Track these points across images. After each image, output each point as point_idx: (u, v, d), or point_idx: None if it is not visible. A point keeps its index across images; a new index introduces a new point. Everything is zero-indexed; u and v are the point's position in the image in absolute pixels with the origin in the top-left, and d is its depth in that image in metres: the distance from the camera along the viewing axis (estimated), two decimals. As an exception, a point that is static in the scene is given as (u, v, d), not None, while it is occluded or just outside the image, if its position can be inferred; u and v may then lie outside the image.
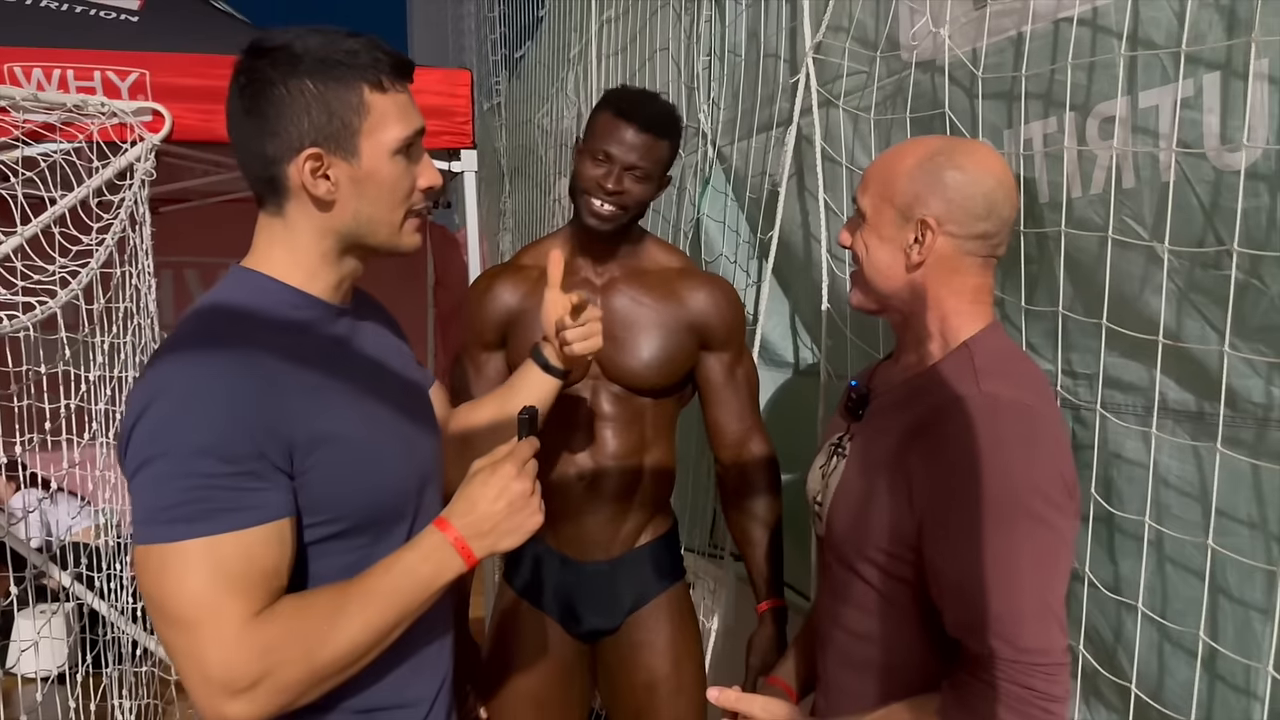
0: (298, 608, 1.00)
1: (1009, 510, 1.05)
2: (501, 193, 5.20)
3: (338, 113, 1.05)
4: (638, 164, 1.70)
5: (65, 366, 2.68)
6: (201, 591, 0.94)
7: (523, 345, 1.79)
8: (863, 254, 1.24)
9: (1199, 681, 1.20)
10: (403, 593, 1.03)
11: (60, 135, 2.98)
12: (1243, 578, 1.15)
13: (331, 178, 1.07)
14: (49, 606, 3.23)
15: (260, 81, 1.04)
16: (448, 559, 1.05)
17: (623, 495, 1.84)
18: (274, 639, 0.97)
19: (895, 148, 1.26)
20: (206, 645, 0.95)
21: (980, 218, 1.16)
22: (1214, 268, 1.13)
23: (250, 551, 0.97)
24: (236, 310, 1.08)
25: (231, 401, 0.98)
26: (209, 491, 0.95)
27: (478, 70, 5.51)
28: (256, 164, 1.08)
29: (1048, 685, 1.05)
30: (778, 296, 2.25)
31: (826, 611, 1.31)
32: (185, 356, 1.01)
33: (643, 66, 3.02)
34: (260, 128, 1.05)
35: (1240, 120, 1.07)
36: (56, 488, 3.56)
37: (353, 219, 1.09)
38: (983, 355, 1.16)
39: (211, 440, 0.96)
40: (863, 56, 1.82)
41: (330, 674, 1.00)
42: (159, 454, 0.95)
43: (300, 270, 1.11)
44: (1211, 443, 1.15)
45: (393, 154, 1.08)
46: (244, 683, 0.95)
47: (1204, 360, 1.17)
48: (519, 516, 1.08)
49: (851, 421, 1.31)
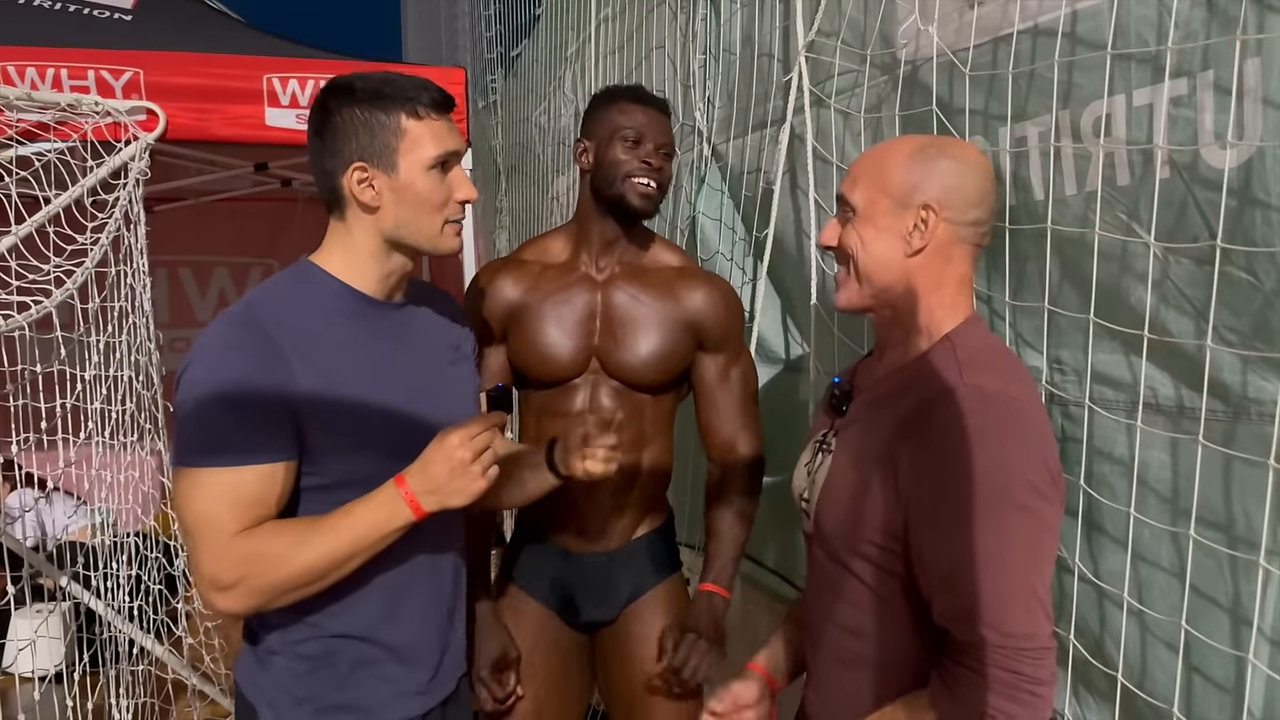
0: (273, 531, 1.24)
1: (995, 499, 1.07)
2: (498, 190, 5.20)
3: (379, 135, 1.29)
4: (666, 143, 1.79)
5: (60, 366, 2.68)
6: (203, 509, 1.22)
7: (524, 339, 1.81)
8: (857, 247, 1.24)
9: (1186, 672, 1.20)
10: (357, 530, 1.25)
11: (54, 134, 2.98)
12: (1233, 572, 1.16)
13: (375, 188, 1.30)
14: (46, 606, 3.23)
15: (325, 111, 1.31)
16: (399, 509, 1.26)
17: (621, 489, 1.85)
18: (251, 552, 1.22)
19: (881, 145, 1.29)
20: (201, 551, 1.23)
21: (974, 204, 1.20)
22: (1208, 264, 1.14)
23: (243, 482, 1.22)
24: (282, 291, 1.34)
25: (249, 364, 1.23)
26: (221, 432, 1.22)
27: (473, 68, 5.51)
28: (323, 178, 1.33)
29: (1034, 669, 1.06)
30: (772, 294, 2.26)
31: (817, 608, 1.32)
32: (228, 322, 1.28)
33: (639, 65, 3.03)
34: (322, 148, 1.31)
35: (1235, 117, 1.08)
36: (53, 487, 3.55)
37: (395, 223, 1.33)
38: (965, 348, 1.18)
39: (228, 393, 1.22)
40: (855, 55, 1.83)
41: (295, 585, 1.24)
42: (190, 398, 1.23)
43: (350, 267, 1.35)
44: (1207, 439, 1.16)
45: (427, 169, 1.31)
46: (225, 582, 1.22)
47: (1197, 357, 1.17)
48: (460, 480, 1.25)
49: (835, 418, 1.32)
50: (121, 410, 2.97)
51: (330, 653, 1.35)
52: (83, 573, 3.10)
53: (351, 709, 1.36)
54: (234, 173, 4.02)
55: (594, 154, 1.80)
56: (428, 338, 1.45)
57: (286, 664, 1.35)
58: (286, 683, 1.35)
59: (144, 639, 3.11)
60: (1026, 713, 1.07)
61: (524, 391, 1.90)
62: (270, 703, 1.35)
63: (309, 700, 1.35)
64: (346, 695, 1.36)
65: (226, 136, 3.29)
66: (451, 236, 1.36)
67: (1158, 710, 1.25)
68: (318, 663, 1.34)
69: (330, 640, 1.34)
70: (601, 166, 1.78)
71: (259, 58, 3.39)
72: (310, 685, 1.35)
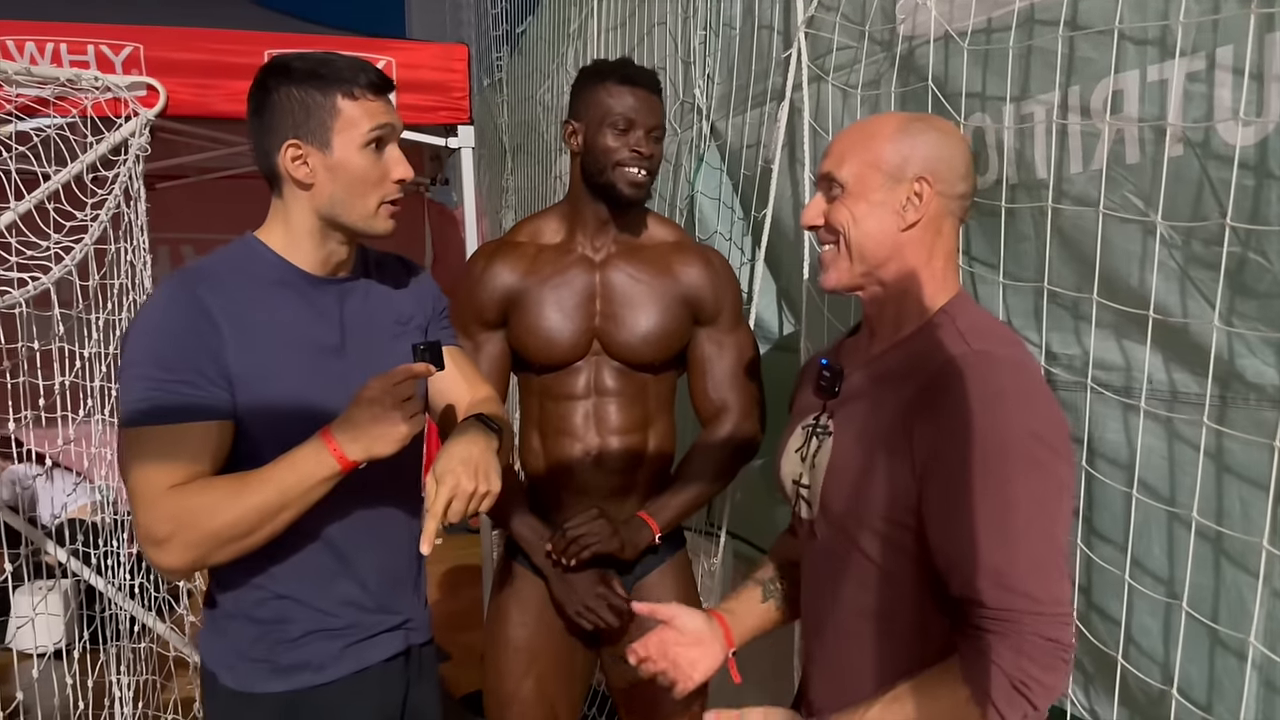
0: (203, 484, 1.26)
1: (1013, 460, 1.06)
2: (504, 170, 5.17)
3: (315, 113, 1.31)
4: (657, 125, 1.77)
5: (60, 343, 2.67)
6: (140, 466, 1.25)
7: (525, 325, 1.80)
8: (847, 224, 1.22)
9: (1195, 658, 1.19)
10: (286, 481, 1.27)
11: (54, 110, 2.96)
12: (1235, 554, 1.14)
13: (310, 165, 1.33)
14: (46, 583, 3.24)
15: (263, 90, 1.33)
16: (323, 458, 1.27)
17: (629, 469, 1.85)
18: (182, 506, 1.24)
19: (862, 121, 1.27)
20: (138, 507, 1.26)
21: (962, 177, 1.20)
22: (1216, 245, 1.11)
23: (176, 439, 1.25)
24: (221, 261, 1.37)
25: (181, 328, 1.27)
26: (155, 393, 1.25)
27: (477, 46, 5.46)
28: (261, 156, 1.36)
29: (1068, 635, 1.05)
30: (769, 273, 2.23)
31: (818, 591, 1.30)
32: (164, 290, 1.32)
33: (641, 41, 2.99)
34: (260, 126, 1.34)
35: (1252, 94, 1.05)
36: (52, 464, 3.56)
37: (329, 200, 1.34)
38: (964, 319, 1.18)
39: (162, 355, 1.26)
40: (854, 31, 1.79)
41: (228, 538, 1.26)
42: (129, 362, 1.27)
43: (290, 244, 1.38)
44: (1213, 423, 1.14)
45: (361, 146, 1.32)
46: (160, 536, 1.24)
47: (1202, 339, 1.15)
48: (381, 426, 1.27)
49: (827, 399, 1.29)
50: (121, 387, 2.96)
51: (282, 616, 1.37)
52: (83, 550, 3.10)
53: (306, 667, 1.39)
54: (235, 149, 4.00)
55: (583, 137, 1.78)
56: (372, 313, 1.46)
57: (240, 627, 1.38)
58: (243, 646, 1.38)
59: (145, 616, 3.12)
60: (1060, 679, 1.06)
61: (524, 375, 1.89)
62: (230, 667, 1.38)
63: (265, 661, 1.37)
64: (300, 655, 1.38)
65: (228, 113, 3.27)
66: (385, 218, 1.37)
67: (1149, 692, 1.23)
68: (270, 625, 1.37)
69: (281, 602, 1.37)
70: (591, 153, 1.76)
71: (260, 33, 3.37)
72: (265, 647, 1.37)
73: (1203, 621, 1.16)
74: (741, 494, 2.22)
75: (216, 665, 1.40)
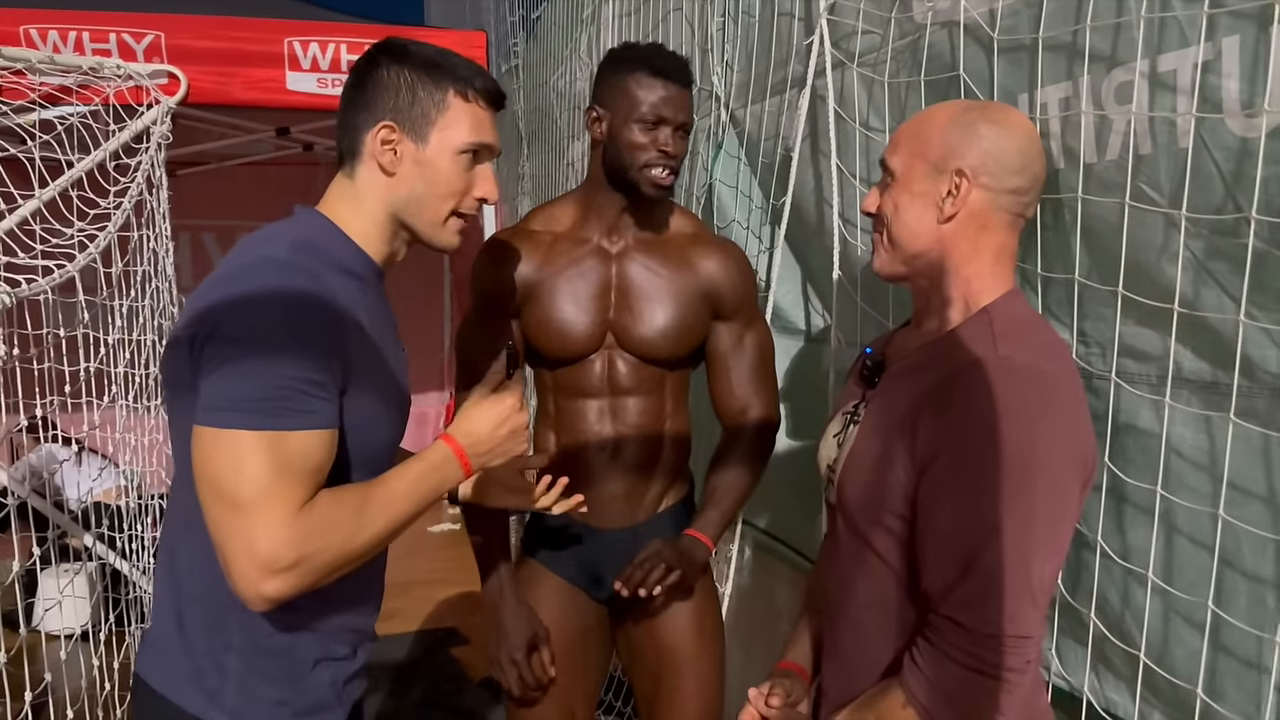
0: (332, 503, 1.12)
1: (1008, 477, 1.04)
2: (520, 156, 5.17)
3: (420, 101, 1.23)
4: (687, 121, 1.72)
5: (84, 330, 2.70)
6: (261, 478, 1.06)
7: (539, 316, 1.77)
8: (890, 213, 1.22)
9: (1208, 651, 1.19)
10: (415, 495, 1.20)
11: (76, 98, 2.99)
12: (1255, 549, 1.14)
13: (398, 153, 1.23)
14: (72, 566, 3.28)
15: (372, 64, 1.25)
16: (454, 469, 1.24)
17: (645, 464, 1.83)
18: (314, 528, 1.09)
19: (926, 110, 1.25)
20: (258, 527, 1.06)
21: (1015, 171, 1.17)
22: (1232, 235, 1.11)
23: (307, 450, 1.10)
24: (314, 244, 1.21)
25: (319, 317, 1.12)
26: (285, 392, 1.08)
27: (495, 31, 5.45)
28: (347, 130, 1.25)
29: (1011, 659, 1.05)
30: (790, 263, 2.23)
31: (837, 581, 1.31)
32: (278, 267, 1.14)
33: (656, 27, 2.98)
34: (358, 98, 1.24)
35: (1262, 84, 1.05)
36: (80, 448, 3.61)
37: (407, 195, 1.25)
38: (1002, 320, 1.15)
39: (296, 348, 1.09)
40: (877, 18, 1.78)
41: (352, 560, 1.14)
42: (247, 351, 1.08)
43: (362, 230, 1.26)
44: (1225, 413, 1.13)
45: (456, 152, 1.25)
46: (285, 563, 1.07)
47: (1220, 329, 1.15)
48: (512, 443, 1.28)
49: (866, 389, 1.30)
50: (145, 374, 3.00)
51: (290, 648, 1.22)
52: (109, 534, 3.15)
53: (321, 709, 1.26)
54: (256, 137, 4.03)
55: (608, 127, 1.72)
56: (391, 317, 1.37)
57: (246, 663, 1.19)
58: (252, 686, 1.20)
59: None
60: (993, 700, 1.06)
61: (538, 370, 1.87)
62: (233, 711, 1.19)
63: (285, 704, 1.22)
64: (313, 694, 1.25)
65: (248, 100, 3.30)
66: (453, 232, 1.29)
67: (1179, 689, 1.23)
68: (284, 660, 1.21)
69: (290, 635, 1.21)
70: (616, 146, 1.70)
71: (280, 20, 3.39)
72: (279, 687, 1.21)
73: (1222, 615, 1.17)
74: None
75: (205, 709, 1.19)
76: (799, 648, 1.44)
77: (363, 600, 1.31)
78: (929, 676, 1.09)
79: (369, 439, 1.22)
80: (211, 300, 1.10)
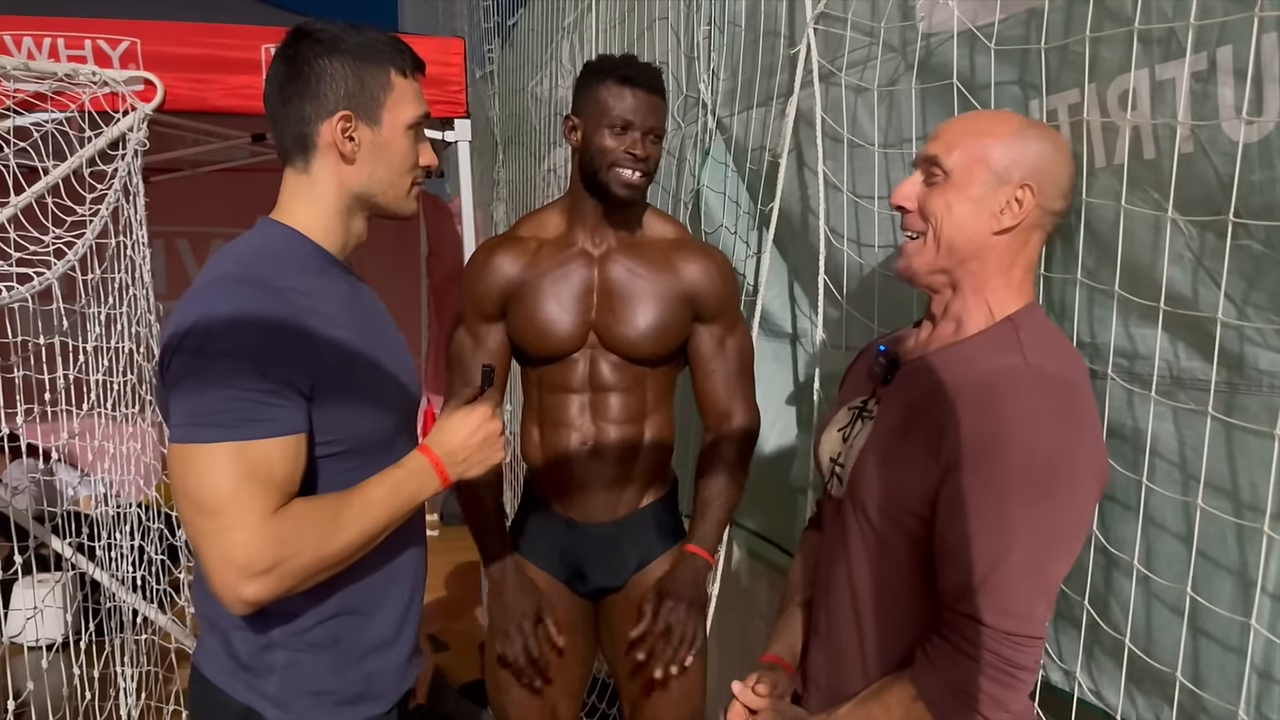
0: (306, 509, 1.17)
1: (1035, 482, 1.07)
2: (495, 162, 5.17)
3: (369, 86, 1.26)
4: (656, 126, 1.78)
5: (62, 338, 2.67)
6: (230, 487, 1.11)
7: (523, 316, 1.83)
8: (942, 212, 1.21)
9: (1192, 640, 1.23)
10: (391, 502, 1.24)
11: (52, 105, 2.95)
12: (1242, 544, 1.18)
13: (356, 139, 1.26)
14: (49, 576, 3.24)
15: (307, 55, 1.25)
16: (430, 479, 1.28)
17: (627, 460, 1.88)
18: (288, 533, 1.14)
19: (979, 114, 1.28)
20: (230, 532, 1.11)
21: (1063, 194, 1.21)
22: (1230, 238, 1.14)
23: (270, 457, 1.14)
24: (272, 253, 1.25)
25: (270, 328, 1.15)
26: (242, 403, 1.12)
27: (470, 38, 5.45)
28: (293, 122, 1.26)
29: (1021, 657, 1.08)
30: (778, 267, 2.26)
31: (835, 571, 1.32)
32: (231, 285, 1.18)
33: (641, 35, 3.01)
34: (302, 91, 1.25)
35: (1255, 92, 1.08)
36: (55, 458, 3.56)
37: (368, 178, 1.29)
38: (1028, 330, 1.17)
39: (250, 359, 1.12)
40: (868, 28, 1.82)
41: (329, 565, 1.19)
42: (203, 368, 1.12)
43: (319, 226, 1.29)
44: (1226, 412, 1.17)
45: (406, 128, 1.30)
46: (260, 567, 1.12)
47: (1212, 330, 1.18)
48: (487, 451, 1.32)
49: (878, 386, 1.31)
50: (123, 382, 2.97)
51: (337, 638, 1.27)
52: (86, 543, 3.11)
53: (365, 697, 1.31)
54: (231, 143, 4.00)
55: (582, 134, 1.80)
56: (377, 304, 1.41)
57: (291, 656, 1.25)
58: (297, 677, 1.25)
59: (147, 609, 3.13)
60: (1004, 696, 1.09)
61: (524, 367, 1.92)
62: (278, 703, 1.25)
63: (329, 694, 1.28)
64: (361, 683, 1.30)
65: (224, 107, 3.26)
66: (413, 199, 1.36)
67: (1160, 675, 1.27)
68: (327, 650, 1.27)
69: (334, 622, 1.27)
70: (588, 150, 1.78)
71: (256, 27, 3.36)
72: (325, 677, 1.27)
73: (1209, 606, 1.20)
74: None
75: (256, 700, 1.25)
76: (783, 641, 1.45)
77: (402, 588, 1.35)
78: (943, 672, 1.12)
79: (365, 426, 1.27)
80: (175, 324, 1.15)
